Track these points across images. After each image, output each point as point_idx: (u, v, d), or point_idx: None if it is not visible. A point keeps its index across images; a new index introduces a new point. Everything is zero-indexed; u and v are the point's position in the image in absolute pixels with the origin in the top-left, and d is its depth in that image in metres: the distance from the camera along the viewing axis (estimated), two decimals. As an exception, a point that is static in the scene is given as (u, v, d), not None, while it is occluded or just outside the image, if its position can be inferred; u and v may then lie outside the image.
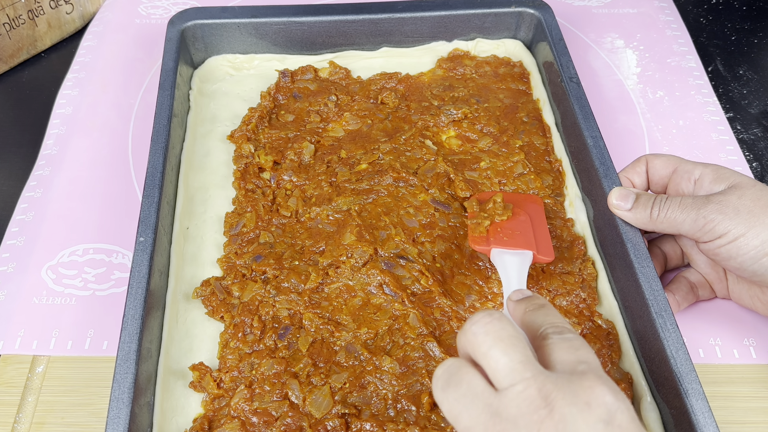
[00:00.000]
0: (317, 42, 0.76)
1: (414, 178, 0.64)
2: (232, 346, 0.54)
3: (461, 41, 0.78)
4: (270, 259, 0.58)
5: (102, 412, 0.54)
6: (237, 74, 0.76)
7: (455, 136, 0.70)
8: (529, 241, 0.56)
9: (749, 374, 0.57)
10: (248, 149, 0.67)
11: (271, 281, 0.57)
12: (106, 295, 0.61)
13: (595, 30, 0.88)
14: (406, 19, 0.75)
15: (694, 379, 0.47)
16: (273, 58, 0.76)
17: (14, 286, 0.61)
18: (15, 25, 0.78)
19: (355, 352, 0.53)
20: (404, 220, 0.61)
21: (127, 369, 0.47)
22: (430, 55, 0.78)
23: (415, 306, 0.56)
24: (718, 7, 0.94)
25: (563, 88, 0.67)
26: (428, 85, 0.75)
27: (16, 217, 0.67)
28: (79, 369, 0.57)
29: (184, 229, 0.61)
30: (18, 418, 0.54)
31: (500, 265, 0.54)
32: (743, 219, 0.48)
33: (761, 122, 0.78)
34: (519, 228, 0.57)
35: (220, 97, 0.73)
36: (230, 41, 0.75)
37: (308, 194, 0.64)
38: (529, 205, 0.60)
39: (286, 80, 0.74)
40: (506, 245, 0.55)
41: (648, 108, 0.78)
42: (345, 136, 0.69)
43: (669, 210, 0.52)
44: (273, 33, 0.75)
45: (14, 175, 0.72)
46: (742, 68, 0.85)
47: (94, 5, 0.88)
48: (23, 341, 0.58)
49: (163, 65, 0.68)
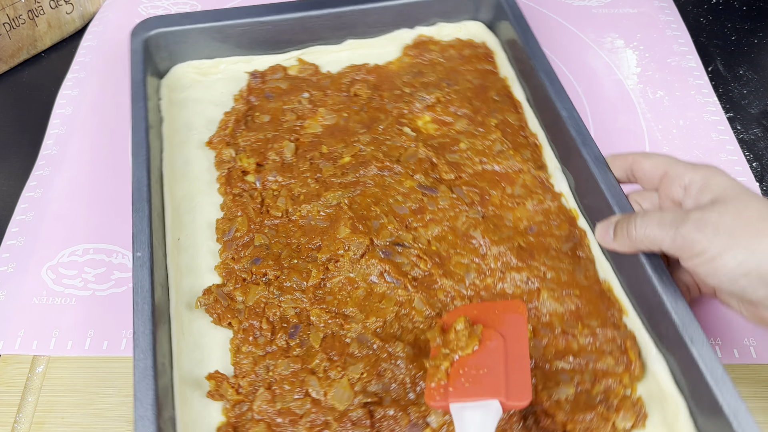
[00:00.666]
0: (282, 40, 0.76)
1: (398, 166, 0.65)
2: (244, 351, 0.54)
3: (424, 27, 0.79)
4: (268, 260, 0.58)
5: (102, 412, 0.54)
6: (204, 80, 0.75)
7: (431, 120, 0.71)
8: (496, 382, 0.45)
9: (749, 374, 0.57)
10: (229, 154, 0.66)
11: (273, 282, 0.57)
12: (106, 295, 0.61)
13: (595, 30, 0.88)
14: (368, 10, 0.76)
15: (696, 327, 0.49)
16: (239, 61, 0.75)
17: (14, 286, 0.61)
18: (15, 25, 0.78)
19: (367, 341, 0.54)
20: (394, 208, 0.62)
21: (146, 386, 0.47)
22: (394, 43, 0.79)
23: (418, 290, 0.56)
24: (718, 7, 0.94)
25: (531, 65, 0.69)
26: (398, 73, 0.75)
27: (16, 217, 0.67)
28: (79, 369, 0.57)
29: (175, 241, 0.60)
30: (18, 418, 0.54)
31: (459, 424, 0.45)
32: (722, 239, 0.46)
33: (761, 122, 0.78)
34: (487, 362, 0.47)
35: (191, 105, 0.72)
36: (194, 47, 0.74)
37: (296, 193, 0.64)
38: (506, 320, 0.50)
39: (257, 81, 0.73)
40: (467, 394, 0.45)
41: (648, 108, 0.78)
42: (323, 131, 0.69)
43: (647, 228, 0.50)
44: (237, 35, 0.74)
45: (14, 175, 0.72)
46: (742, 68, 0.85)
47: (94, 5, 0.88)
48: (23, 341, 0.58)
49: (132, 78, 0.67)
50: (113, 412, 0.55)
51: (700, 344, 0.48)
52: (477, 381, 0.45)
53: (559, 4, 0.92)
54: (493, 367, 0.46)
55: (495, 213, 0.62)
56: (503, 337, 0.48)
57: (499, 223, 0.61)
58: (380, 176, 0.64)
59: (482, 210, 0.62)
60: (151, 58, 0.72)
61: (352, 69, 0.75)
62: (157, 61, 0.73)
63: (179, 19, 0.72)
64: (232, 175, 0.65)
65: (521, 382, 0.45)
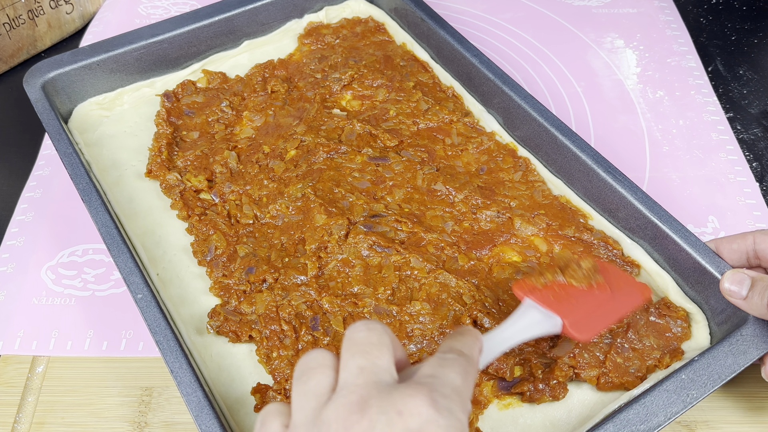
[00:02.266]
0: (180, 56, 0.74)
1: (343, 146, 0.67)
2: (276, 357, 0.53)
3: (311, 14, 0.81)
4: (261, 266, 0.58)
5: (102, 412, 0.54)
6: (111, 114, 0.72)
7: (353, 98, 0.73)
8: (574, 309, 0.49)
9: (749, 374, 0.56)
10: (174, 178, 0.64)
11: (275, 285, 0.57)
12: (106, 296, 0.61)
13: (595, 30, 0.88)
14: (258, 8, 0.77)
15: (660, 208, 0.56)
16: (142, 86, 0.73)
17: (14, 286, 0.61)
18: (15, 25, 0.77)
19: (384, 311, 0.56)
20: (356, 185, 0.64)
21: (209, 420, 0.46)
22: (288, 36, 0.80)
23: (409, 250, 0.59)
24: (718, 7, 0.94)
25: (427, 26, 0.74)
26: (303, 62, 0.77)
27: (16, 217, 0.67)
28: (79, 369, 0.57)
29: (156, 276, 0.59)
30: (18, 418, 0.54)
31: (520, 315, 0.48)
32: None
33: (761, 122, 0.78)
34: (579, 298, 0.50)
35: (108, 141, 0.69)
36: (92, 83, 0.70)
37: (256, 197, 0.64)
38: (625, 289, 0.52)
39: (171, 101, 0.71)
40: (546, 302, 0.49)
41: (648, 108, 0.78)
42: (256, 133, 0.70)
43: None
44: (134, 60, 0.72)
45: (14, 175, 0.72)
46: (742, 68, 0.84)
47: (94, 5, 0.87)
48: (23, 341, 0.58)
49: (48, 129, 0.63)
50: (113, 412, 0.55)
51: (669, 221, 0.56)
52: (561, 301, 0.49)
53: (559, 4, 0.92)
54: (581, 303, 0.50)
55: (445, 164, 0.67)
56: (610, 297, 0.51)
57: (452, 172, 0.66)
58: (330, 159, 0.66)
59: (434, 164, 0.66)
60: (53, 104, 0.67)
61: (259, 68, 0.75)
62: (58, 105, 0.69)
63: (70, 58, 0.69)
64: (186, 197, 0.63)
65: (592, 325, 0.49)
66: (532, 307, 0.49)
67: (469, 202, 0.63)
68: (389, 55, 0.77)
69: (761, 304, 0.48)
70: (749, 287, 0.49)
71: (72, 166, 0.60)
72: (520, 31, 0.88)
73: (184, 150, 0.68)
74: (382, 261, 0.59)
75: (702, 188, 0.70)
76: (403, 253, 0.59)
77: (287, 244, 0.60)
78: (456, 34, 0.72)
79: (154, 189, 0.65)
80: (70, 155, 0.60)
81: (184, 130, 0.70)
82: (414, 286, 0.58)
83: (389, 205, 0.63)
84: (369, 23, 0.81)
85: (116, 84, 0.72)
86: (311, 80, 0.74)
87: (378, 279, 0.58)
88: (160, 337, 0.50)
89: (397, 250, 0.59)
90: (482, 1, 0.93)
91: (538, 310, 0.48)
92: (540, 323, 0.48)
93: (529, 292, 0.50)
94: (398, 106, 0.71)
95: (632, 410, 0.46)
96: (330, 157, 0.66)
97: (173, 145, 0.68)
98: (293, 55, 0.78)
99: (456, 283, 0.57)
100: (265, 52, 0.79)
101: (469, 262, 0.59)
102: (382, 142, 0.68)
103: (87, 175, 0.59)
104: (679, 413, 0.46)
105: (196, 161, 0.67)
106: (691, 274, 0.55)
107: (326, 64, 0.75)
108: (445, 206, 0.63)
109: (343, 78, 0.73)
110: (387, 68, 0.75)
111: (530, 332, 0.47)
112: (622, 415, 0.46)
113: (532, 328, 0.48)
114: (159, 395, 0.56)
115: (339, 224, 0.60)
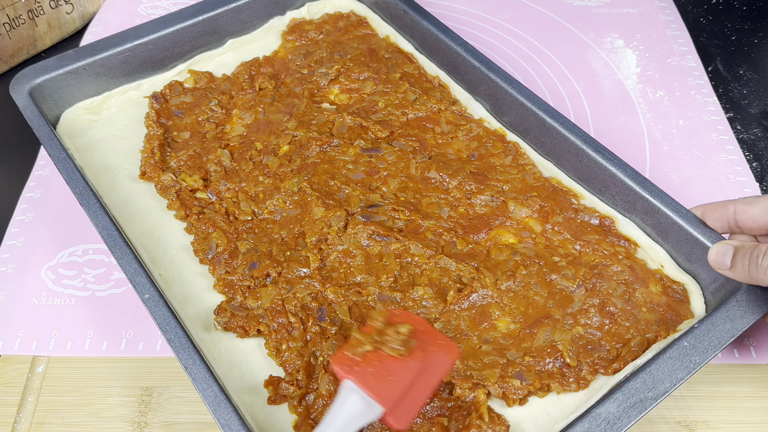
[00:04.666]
0: (166, 57, 0.74)
1: (335, 139, 0.67)
2: (285, 348, 0.54)
3: (293, 11, 0.82)
4: (264, 261, 0.59)
5: (102, 412, 0.54)
6: (99, 118, 0.71)
7: (340, 91, 0.74)
8: (393, 395, 0.46)
9: (749, 374, 0.57)
10: (169, 178, 0.64)
11: (278, 279, 0.58)
12: (106, 296, 0.61)
13: (595, 30, 0.88)
14: (241, 6, 0.77)
15: (650, 183, 0.58)
16: (129, 89, 0.73)
17: (14, 286, 0.61)
18: (15, 25, 0.76)
19: (388, 298, 0.57)
20: (350, 176, 0.65)
21: (227, 413, 0.46)
22: (272, 33, 0.81)
23: (408, 238, 0.60)
24: (718, 7, 0.94)
25: (410, 17, 0.75)
26: (288, 58, 0.77)
27: (16, 217, 0.67)
28: (79, 369, 0.57)
29: (158, 277, 0.59)
30: (18, 418, 0.54)
31: (341, 400, 0.46)
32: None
33: (761, 122, 0.78)
34: (398, 374, 0.47)
35: (99, 146, 0.69)
36: (79, 88, 0.70)
37: (252, 193, 0.64)
38: (437, 354, 0.50)
39: (160, 103, 0.71)
40: (368, 385, 0.46)
41: (648, 108, 0.78)
42: (248, 130, 0.70)
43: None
44: (119, 63, 0.71)
45: (14, 175, 0.71)
46: (742, 68, 0.84)
47: (94, 5, 0.87)
48: (23, 341, 0.58)
49: (39, 135, 0.63)
50: (113, 412, 0.55)
51: (659, 194, 0.57)
52: (381, 380, 0.46)
53: (559, 4, 0.92)
54: (400, 382, 0.46)
55: (437, 152, 0.68)
56: (424, 366, 0.48)
57: (444, 160, 0.67)
58: (324, 153, 0.67)
59: (426, 153, 0.67)
60: (41, 111, 0.67)
61: (245, 66, 0.76)
62: (46, 111, 0.68)
63: (56, 64, 0.68)
64: (183, 197, 0.63)
65: (409, 411, 0.46)
66: (353, 391, 0.45)
67: (463, 188, 0.64)
68: (373, 48, 0.78)
69: (744, 271, 0.50)
70: (732, 256, 0.51)
71: (67, 171, 0.59)
72: (520, 31, 0.88)
73: (177, 150, 0.68)
74: (382, 249, 0.59)
75: (702, 188, 0.70)
76: (402, 240, 0.59)
77: (287, 238, 0.61)
78: (439, 25, 0.73)
79: (149, 191, 0.65)
80: (64, 160, 0.60)
81: (175, 131, 0.70)
82: (415, 272, 0.59)
83: (385, 195, 0.64)
84: (351, 17, 0.82)
85: (103, 88, 0.72)
86: (298, 76, 0.75)
87: (380, 267, 0.59)
88: (171, 335, 0.50)
89: (397, 238, 0.60)
90: (482, 1, 0.93)
91: (359, 395, 0.45)
92: (362, 414, 0.45)
93: (349, 369, 0.46)
94: (386, 98, 0.72)
95: (639, 379, 0.47)
96: (323, 150, 0.67)
97: (165, 146, 0.68)
98: (278, 52, 0.78)
99: (456, 266, 0.58)
100: (249, 50, 0.79)
101: (468, 246, 0.60)
102: (373, 133, 0.69)
103: (83, 180, 0.59)
104: (684, 379, 0.47)
105: (190, 161, 0.67)
106: (683, 246, 0.57)
107: (312, 59, 0.76)
108: (440, 193, 0.64)
109: (330, 72, 0.74)
110: (372, 61, 0.76)
111: (352, 428, 0.45)
112: (629, 384, 0.47)
113: (355, 421, 0.45)
114: (159, 395, 0.56)
115: (337, 216, 0.60)
